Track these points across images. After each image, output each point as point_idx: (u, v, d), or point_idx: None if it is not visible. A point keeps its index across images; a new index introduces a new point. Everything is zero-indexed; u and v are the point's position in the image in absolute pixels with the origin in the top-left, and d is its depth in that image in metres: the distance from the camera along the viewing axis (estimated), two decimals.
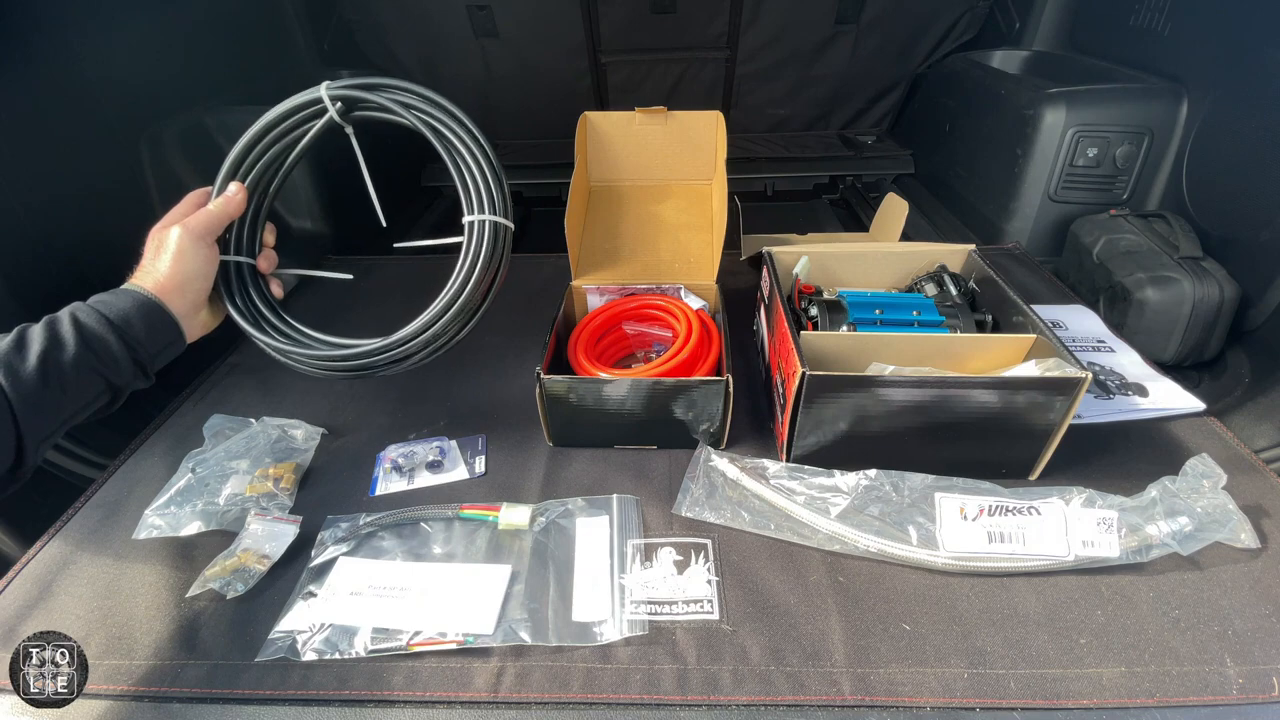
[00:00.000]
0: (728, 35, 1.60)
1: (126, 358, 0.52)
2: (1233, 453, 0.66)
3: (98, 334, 0.51)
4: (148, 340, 0.54)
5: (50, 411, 0.48)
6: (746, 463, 0.64)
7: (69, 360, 0.49)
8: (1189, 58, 1.04)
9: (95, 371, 0.51)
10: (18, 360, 0.47)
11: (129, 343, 0.53)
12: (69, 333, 0.50)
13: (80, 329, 0.50)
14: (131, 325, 0.53)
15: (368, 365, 0.64)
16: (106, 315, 0.52)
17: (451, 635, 0.50)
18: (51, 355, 0.48)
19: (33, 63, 0.91)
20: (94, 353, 0.50)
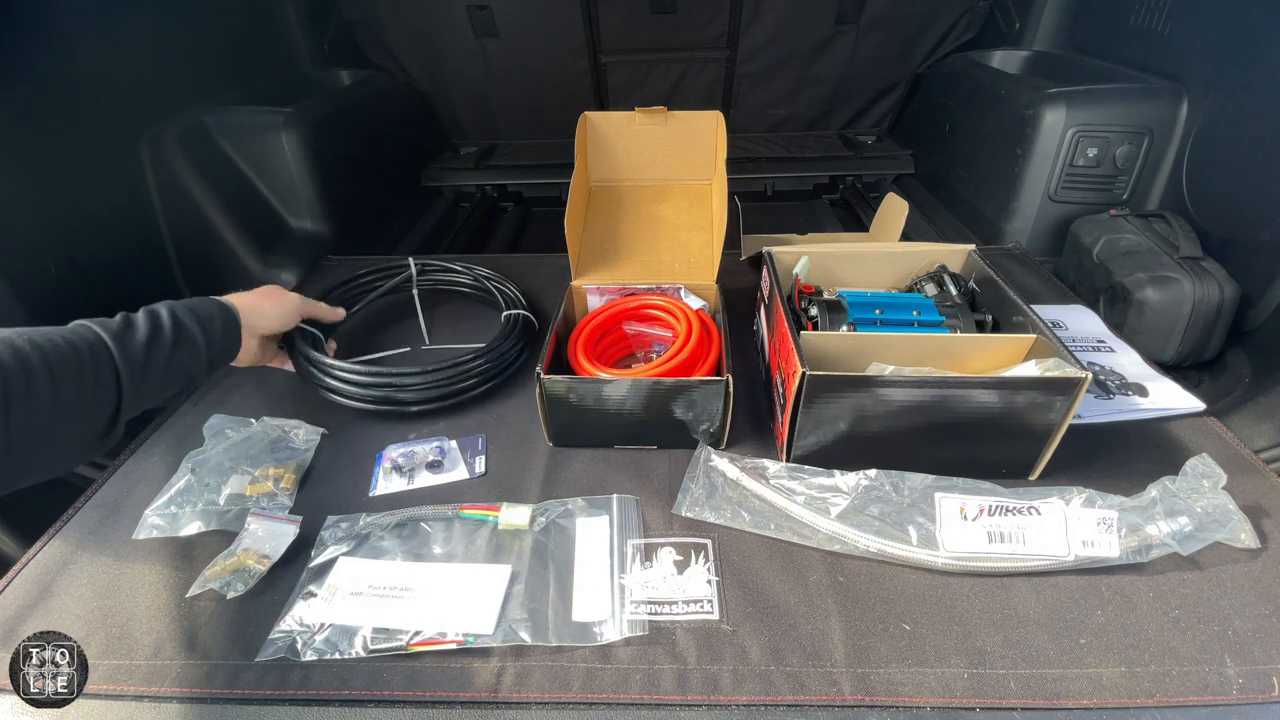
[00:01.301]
0: (728, 35, 1.60)
1: (205, 354, 0.61)
2: (1233, 453, 0.66)
3: (189, 329, 0.59)
4: (223, 342, 0.64)
5: (146, 389, 0.55)
6: (746, 463, 0.64)
7: (166, 346, 0.57)
8: (1189, 58, 1.04)
9: (183, 361, 0.59)
10: (129, 337, 0.54)
11: (210, 340, 0.61)
12: (168, 323, 0.58)
13: (177, 322, 0.59)
14: (214, 326, 0.62)
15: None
16: (197, 314, 0.61)
17: (451, 635, 0.50)
18: (155, 340, 0.56)
19: (33, 63, 0.91)
20: (184, 345, 0.59)
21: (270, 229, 1.23)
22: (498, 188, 1.79)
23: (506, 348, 0.80)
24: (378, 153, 1.51)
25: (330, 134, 1.29)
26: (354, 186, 1.37)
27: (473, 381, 0.76)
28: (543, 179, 1.75)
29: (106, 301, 0.95)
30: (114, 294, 0.98)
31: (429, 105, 1.77)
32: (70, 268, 0.90)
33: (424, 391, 0.73)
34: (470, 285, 0.97)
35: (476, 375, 0.76)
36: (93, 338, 0.52)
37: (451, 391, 0.75)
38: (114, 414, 0.52)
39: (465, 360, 0.76)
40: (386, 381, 0.73)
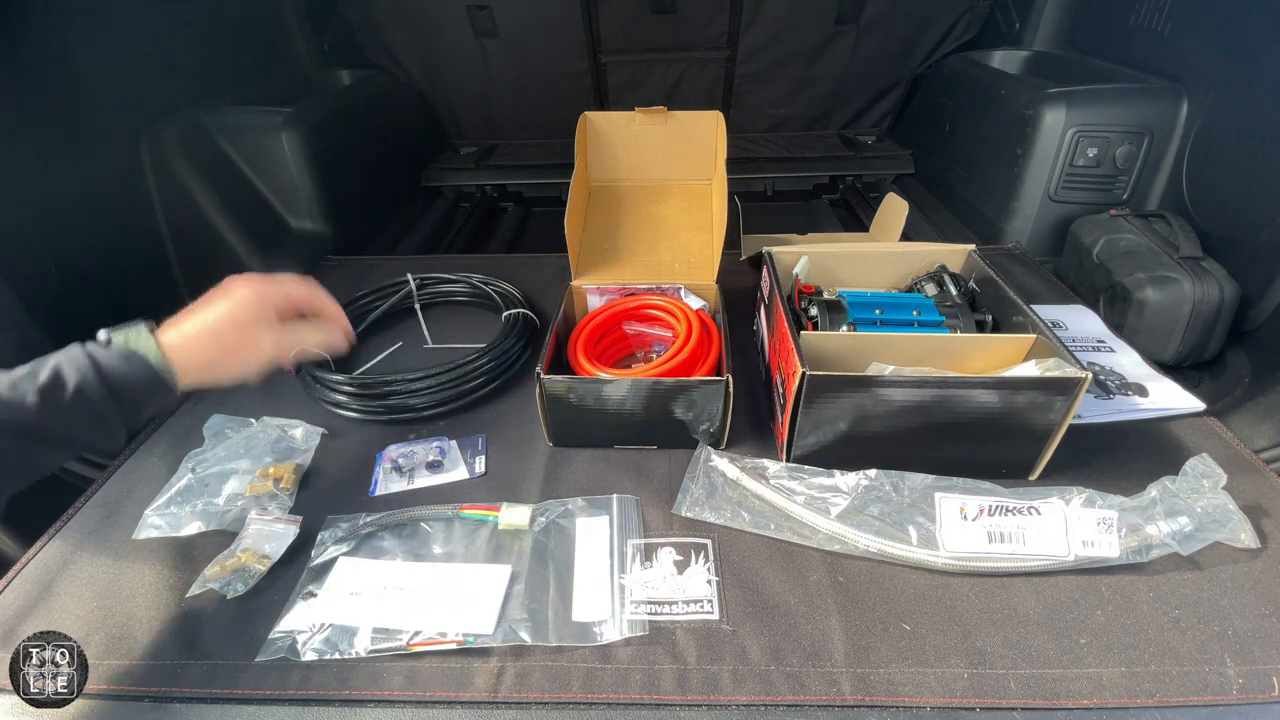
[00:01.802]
0: (728, 35, 1.60)
1: (111, 427, 0.49)
2: (1233, 453, 0.66)
3: (90, 398, 0.47)
4: (143, 409, 0.51)
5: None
6: (746, 463, 0.64)
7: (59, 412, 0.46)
8: (1189, 58, 1.04)
9: (79, 434, 0.48)
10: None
11: (123, 410, 0.49)
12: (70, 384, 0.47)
13: (80, 388, 0.47)
14: (125, 394, 0.49)
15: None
16: (106, 379, 0.48)
17: (451, 635, 0.50)
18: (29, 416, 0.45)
19: (33, 63, 0.91)
20: (77, 417, 0.47)
21: (270, 229, 1.23)
22: (498, 188, 1.79)
23: (509, 346, 0.81)
24: (378, 153, 1.51)
25: (330, 134, 1.29)
26: (354, 186, 1.37)
27: (478, 381, 0.76)
28: (543, 179, 1.75)
29: (106, 301, 0.96)
30: (113, 294, 0.98)
31: (429, 105, 1.76)
32: (70, 268, 0.90)
33: (432, 396, 0.74)
34: (468, 294, 0.97)
35: (481, 375, 0.76)
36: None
37: (459, 393, 0.75)
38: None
39: (469, 360, 0.76)
40: (395, 389, 0.73)
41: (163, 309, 0.67)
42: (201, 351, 0.52)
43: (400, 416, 0.74)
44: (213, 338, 0.53)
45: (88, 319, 0.90)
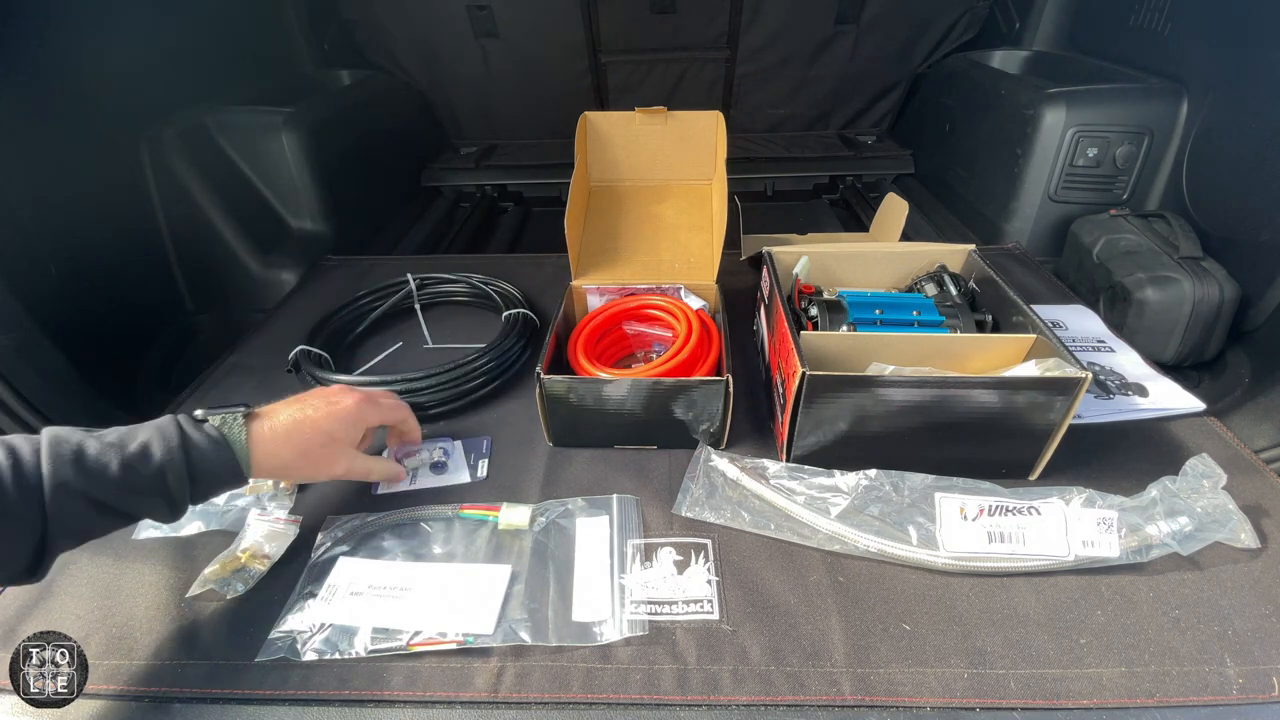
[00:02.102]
0: (728, 35, 1.60)
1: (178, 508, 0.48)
2: (1233, 453, 0.66)
3: (167, 481, 0.46)
4: (205, 493, 0.50)
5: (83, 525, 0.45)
6: (746, 463, 0.64)
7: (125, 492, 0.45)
8: (1189, 58, 1.04)
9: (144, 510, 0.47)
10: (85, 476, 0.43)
11: (189, 496, 0.48)
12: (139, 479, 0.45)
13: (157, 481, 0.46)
14: (201, 482, 0.48)
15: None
16: (191, 463, 0.47)
17: (451, 635, 0.50)
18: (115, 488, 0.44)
19: (33, 63, 0.91)
20: (149, 498, 0.46)
21: (270, 229, 1.23)
22: (498, 188, 1.79)
23: (509, 346, 0.81)
24: (378, 153, 1.51)
25: (330, 134, 1.29)
26: (354, 186, 1.37)
27: (478, 381, 0.76)
28: (543, 179, 1.75)
29: (106, 301, 0.96)
30: (113, 294, 0.98)
31: (429, 105, 1.77)
32: (70, 268, 0.90)
33: (432, 396, 0.74)
34: (468, 294, 0.97)
35: (481, 375, 0.76)
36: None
37: (459, 393, 0.75)
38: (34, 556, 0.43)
39: (469, 360, 0.76)
40: (395, 390, 0.72)
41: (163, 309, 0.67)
42: (282, 454, 0.52)
43: None
44: (300, 446, 0.53)
45: (88, 319, 0.91)
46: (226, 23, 1.31)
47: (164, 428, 0.48)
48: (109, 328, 0.96)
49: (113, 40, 1.04)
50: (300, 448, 0.53)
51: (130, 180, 1.06)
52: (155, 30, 1.13)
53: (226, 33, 1.31)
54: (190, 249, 1.12)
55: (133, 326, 1.02)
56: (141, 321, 1.04)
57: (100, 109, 1.01)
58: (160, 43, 1.14)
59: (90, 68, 0.99)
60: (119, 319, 0.99)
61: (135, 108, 1.06)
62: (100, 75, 1.01)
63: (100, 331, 0.94)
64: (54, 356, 0.83)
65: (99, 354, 0.91)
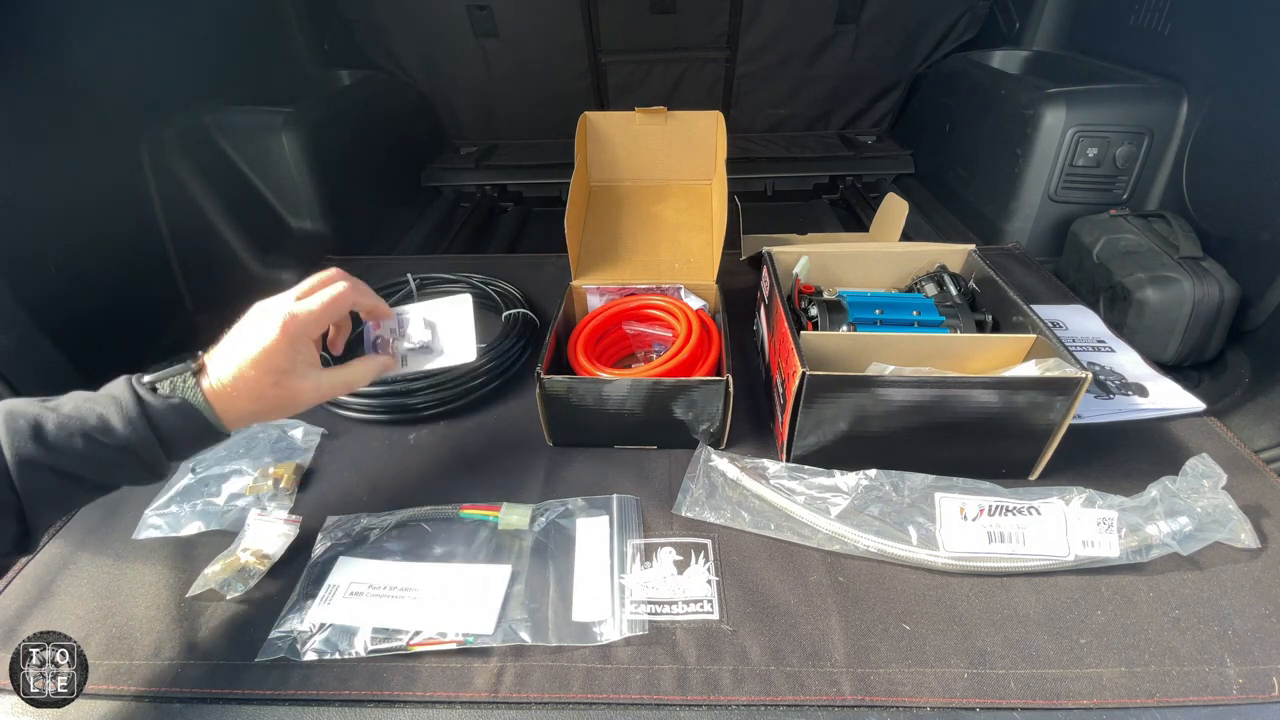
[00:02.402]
0: (728, 35, 1.60)
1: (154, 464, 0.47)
2: (1233, 453, 0.66)
3: (140, 452, 0.45)
4: (184, 452, 0.49)
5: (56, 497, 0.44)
6: (746, 463, 0.64)
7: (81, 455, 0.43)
8: (1189, 58, 1.04)
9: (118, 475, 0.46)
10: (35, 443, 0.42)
11: (165, 458, 0.47)
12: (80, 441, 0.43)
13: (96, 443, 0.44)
14: (176, 445, 0.47)
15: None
16: (159, 433, 0.45)
17: (451, 635, 0.50)
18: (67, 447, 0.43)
19: (32, 63, 0.91)
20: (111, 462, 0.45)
21: (270, 229, 1.23)
22: (498, 188, 1.79)
23: (509, 346, 0.81)
24: (378, 153, 1.51)
25: (330, 134, 1.29)
26: (354, 186, 1.37)
27: (479, 381, 0.76)
28: (543, 179, 1.75)
29: (106, 300, 0.96)
30: (113, 293, 0.98)
31: (429, 105, 1.76)
32: (70, 268, 0.90)
33: (432, 395, 0.74)
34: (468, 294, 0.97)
35: (481, 375, 0.77)
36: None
37: (459, 393, 0.75)
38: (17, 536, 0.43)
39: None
40: (395, 390, 0.73)
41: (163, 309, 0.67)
42: (240, 405, 0.48)
43: (400, 416, 0.74)
44: (251, 393, 0.48)
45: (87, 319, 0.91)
46: (226, 23, 1.31)
47: (120, 399, 0.45)
48: (109, 328, 0.96)
49: (113, 40, 1.04)
50: (253, 395, 0.48)
51: (130, 180, 1.05)
52: (155, 30, 1.13)
53: (226, 33, 1.31)
54: (190, 249, 1.12)
55: (133, 326, 1.02)
56: (141, 321, 1.04)
57: (100, 109, 1.00)
58: (160, 43, 1.14)
59: (90, 67, 0.99)
60: (119, 319, 0.99)
61: (135, 108, 1.06)
62: (100, 75, 1.01)
63: (100, 331, 0.93)
64: (54, 356, 0.83)
65: (99, 354, 0.91)
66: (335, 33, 1.60)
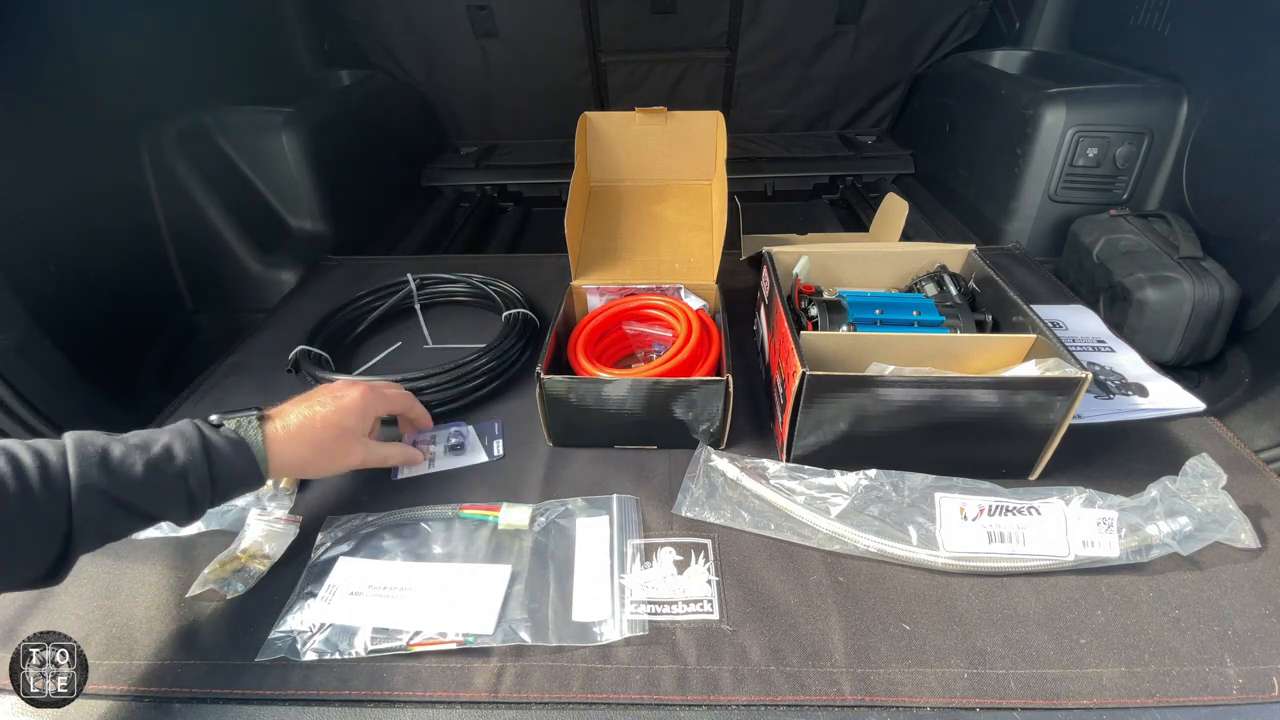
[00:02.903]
0: (728, 35, 1.60)
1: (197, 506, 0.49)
2: (1233, 453, 0.66)
3: (189, 481, 0.47)
4: (227, 494, 0.51)
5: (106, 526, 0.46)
6: (746, 463, 0.64)
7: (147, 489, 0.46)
8: (1189, 58, 1.04)
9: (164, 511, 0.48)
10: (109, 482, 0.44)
11: (210, 496, 0.49)
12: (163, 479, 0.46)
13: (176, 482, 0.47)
14: (223, 482, 0.50)
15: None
16: (213, 464, 0.48)
17: (451, 635, 0.50)
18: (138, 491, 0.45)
19: (33, 63, 0.91)
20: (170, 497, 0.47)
21: (270, 229, 1.23)
22: (498, 188, 1.79)
23: (509, 346, 0.81)
24: (378, 153, 1.51)
25: (330, 134, 1.29)
26: (354, 186, 1.37)
27: (478, 381, 0.76)
28: (543, 179, 1.75)
29: (106, 301, 0.96)
30: (113, 294, 0.98)
31: (429, 105, 1.77)
32: (70, 267, 0.90)
33: (432, 395, 0.74)
34: (468, 294, 0.97)
35: (481, 375, 0.77)
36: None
37: (459, 393, 0.75)
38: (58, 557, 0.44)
39: (469, 360, 0.76)
40: None
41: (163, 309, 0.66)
42: (298, 451, 0.54)
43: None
44: (313, 441, 0.55)
45: (88, 319, 0.91)
46: (226, 23, 1.31)
47: (184, 431, 0.49)
48: (109, 328, 0.96)
49: (113, 40, 1.04)
50: (314, 443, 0.55)
51: (130, 180, 1.06)
52: (155, 30, 1.13)
53: (226, 33, 1.31)
54: (190, 249, 1.12)
55: (133, 326, 1.02)
56: (141, 321, 1.04)
57: (100, 109, 1.01)
58: (160, 43, 1.14)
59: (90, 68, 0.99)
60: (119, 319, 0.99)
61: (135, 108, 1.06)
62: (100, 75, 1.01)
63: (100, 331, 0.94)
64: (54, 356, 0.83)
65: (99, 354, 0.91)
66: (335, 33, 1.61)
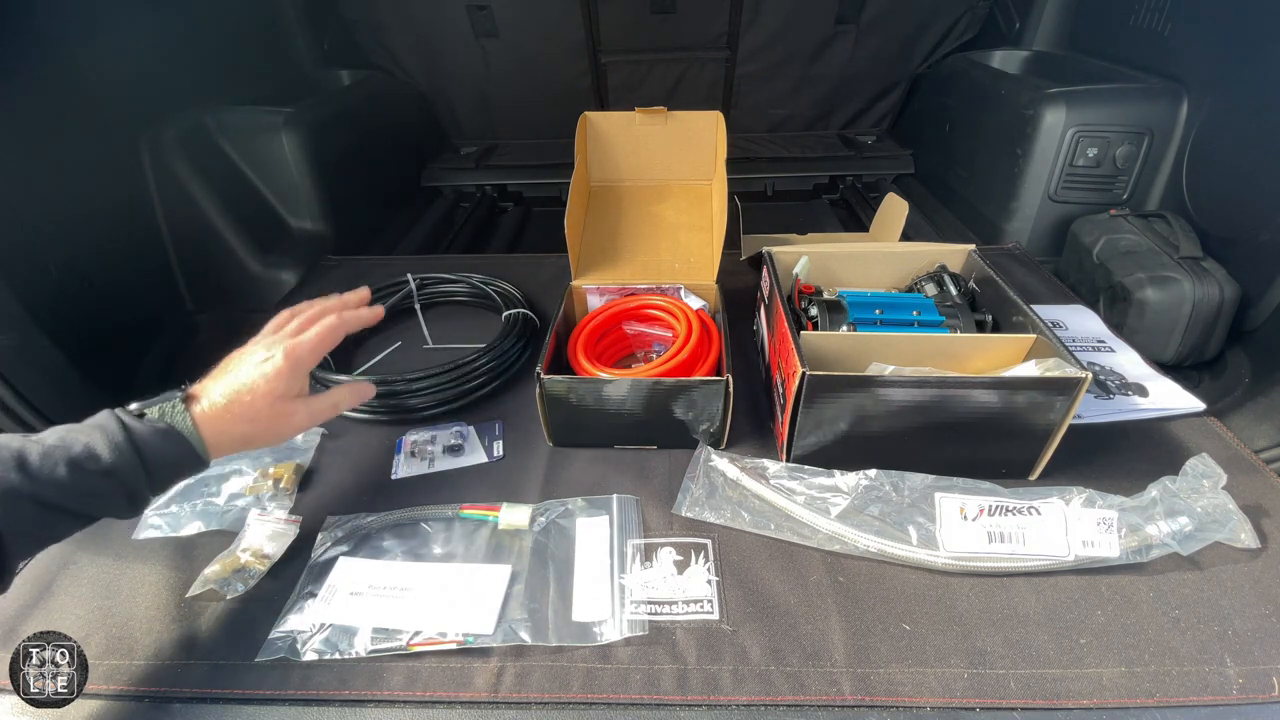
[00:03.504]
0: (728, 35, 1.60)
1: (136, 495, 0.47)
2: (1233, 453, 0.66)
3: (123, 477, 0.45)
4: (167, 482, 0.49)
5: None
6: (746, 463, 0.64)
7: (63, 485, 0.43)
8: (1189, 58, 1.04)
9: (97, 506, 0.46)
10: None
11: (149, 488, 0.47)
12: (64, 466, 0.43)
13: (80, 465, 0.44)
14: (159, 473, 0.47)
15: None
16: (143, 458, 0.45)
17: (451, 635, 0.50)
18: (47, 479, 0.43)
19: (33, 63, 0.91)
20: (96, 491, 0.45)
21: (270, 229, 1.23)
22: (498, 188, 1.79)
23: (508, 346, 0.81)
24: (378, 153, 1.51)
25: (330, 134, 1.29)
26: (354, 186, 1.37)
27: (478, 381, 0.77)
28: (543, 179, 1.75)
29: (106, 301, 0.96)
30: (113, 294, 0.98)
31: (429, 105, 1.76)
32: (70, 267, 0.90)
33: (432, 395, 0.74)
34: (468, 294, 0.97)
35: (481, 375, 0.77)
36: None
37: (459, 393, 0.75)
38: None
39: (469, 360, 0.76)
40: (396, 390, 0.73)
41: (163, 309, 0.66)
42: (234, 429, 0.50)
43: (400, 416, 0.74)
44: (248, 415, 0.50)
45: (87, 319, 0.91)
46: (226, 23, 1.31)
47: (105, 426, 0.46)
48: (109, 327, 0.96)
49: (113, 40, 1.04)
50: (249, 417, 0.50)
51: (130, 180, 1.05)
52: (155, 30, 1.13)
53: (226, 33, 1.31)
54: (190, 249, 1.12)
55: (133, 326, 1.02)
56: (141, 321, 1.04)
57: (100, 109, 1.00)
58: (160, 43, 1.14)
59: (90, 68, 0.99)
60: (119, 319, 0.99)
61: (135, 108, 1.06)
62: (100, 75, 1.01)
63: (100, 331, 0.93)
64: (54, 356, 0.83)
65: (99, 354, 0.91)
66: (335, 33, 1.60)
